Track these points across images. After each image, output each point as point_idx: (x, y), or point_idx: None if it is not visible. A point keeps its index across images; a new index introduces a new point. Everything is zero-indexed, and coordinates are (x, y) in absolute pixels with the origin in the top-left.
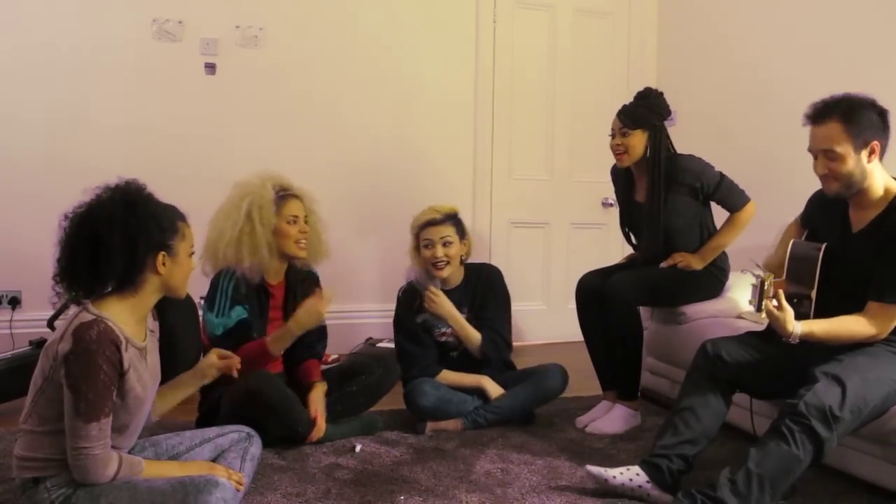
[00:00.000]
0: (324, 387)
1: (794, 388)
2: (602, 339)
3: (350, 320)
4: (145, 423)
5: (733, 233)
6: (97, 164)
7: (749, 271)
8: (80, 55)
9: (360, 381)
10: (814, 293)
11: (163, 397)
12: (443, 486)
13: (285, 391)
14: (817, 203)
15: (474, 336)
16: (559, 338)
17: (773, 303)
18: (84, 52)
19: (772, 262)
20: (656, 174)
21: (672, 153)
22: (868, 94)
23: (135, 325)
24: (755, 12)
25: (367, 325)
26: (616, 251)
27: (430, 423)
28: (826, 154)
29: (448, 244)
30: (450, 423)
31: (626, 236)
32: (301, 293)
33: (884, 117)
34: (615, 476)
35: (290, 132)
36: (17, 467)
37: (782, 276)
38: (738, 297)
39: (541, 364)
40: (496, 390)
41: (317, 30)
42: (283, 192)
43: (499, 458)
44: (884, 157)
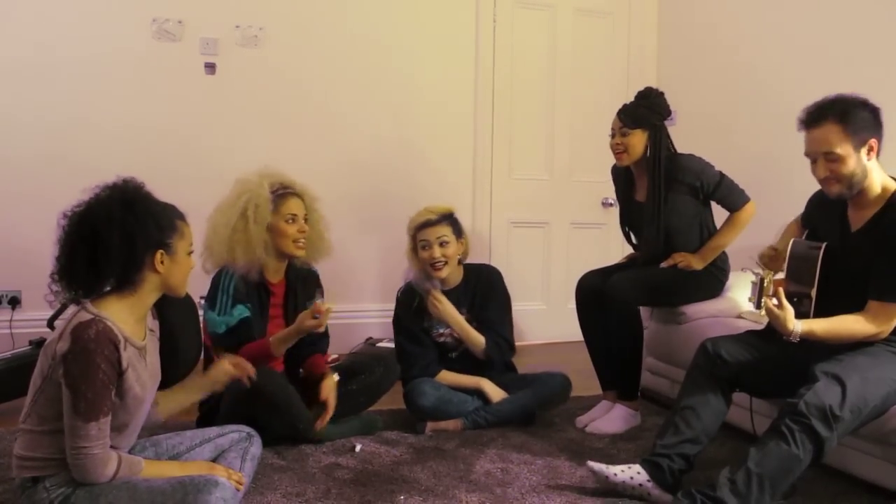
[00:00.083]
0: (335, 377)
1: (794, 387)
2: (602, 339)
3: (350, 320)
4: (151, 423)
5: (733, 232)
6: (97, 164)
7: (749, 269)
8: (80, 55)
9: (360, 380)
10: (814, 292)
11: (171, 399)
12: (443, 486)
13: (287, 388)
14: (817, 203)
15: (478, 339)
16: (559, 338)
17: (774, 301)
18: (84, 52)
19: (768, 252)
20: (656, 174)
21: (672, 153)
22: (859, 94)
23: (134, 324)
24: (755, 12)
25: (367, 324)
26: (616, 251)
27: (430, 422)
28: (826, 156)
29: (445, 244)
30: (450, 423)
31: (626, 236)
32: (301, 292)
33: (876, 115)
34: (616, 474)
35: (289, 132)
36: (17, 467)
37: (780, 271)
38: (738, 296)
39: (545, 371)
40: (496, 392)
41: (316, 30)
42: (283, 190)
43: (499, 457)
44: (880, 156)
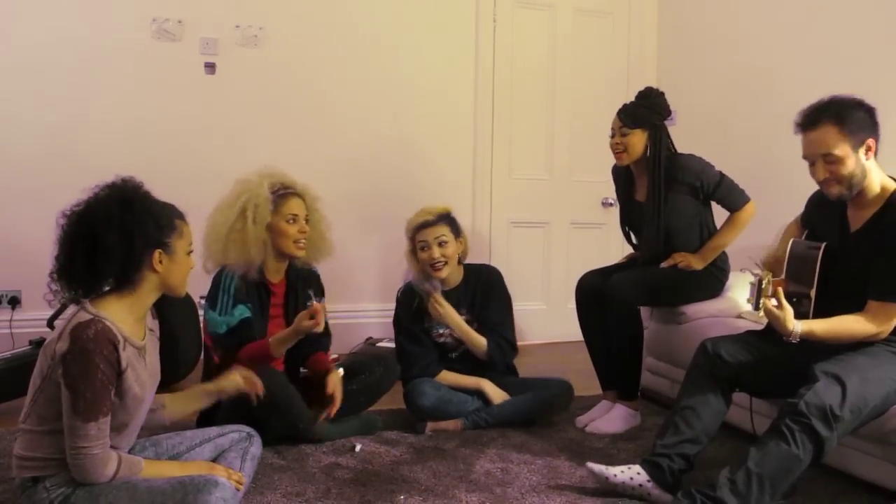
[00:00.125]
0: (339, 371)
1: (793, 387)
2: (602, 339)
3: (350, 320)
4: (155, 424)
5: (733, 232)
6: (97, 163)
7: (748, 270)
8: (80, 54)
9: (360, 380)
10: (813, 292)
11: (178, 403)
12: (443, 486)
13: (287, 387)
14: (816, 203)
15: (479, 341)
16: (559, 338)
17: (773, 302)
18: (84, 52)
19: (770, 259)
20: (656, 173)
21: (672, 152)
22: (853, 95)
23: (133, 323)
24: (755, 12)
25: (367, 324)
26: (616, 251)
27: (430, 422)
28: (825, 158)
29: (444, 244)
30: (450, 423)
31: (626, 235)
32: (302, 292)
33: (872, 115)
34: (616, 475)
35: (289, 131)
36: (17, 467)
37: (781, 274)
38: (738, 296)
39: (548, 377)
40: (496, 393)
41: (316, 29)
42: (284, 190)
43: (498, 457)
44: (880, 156)
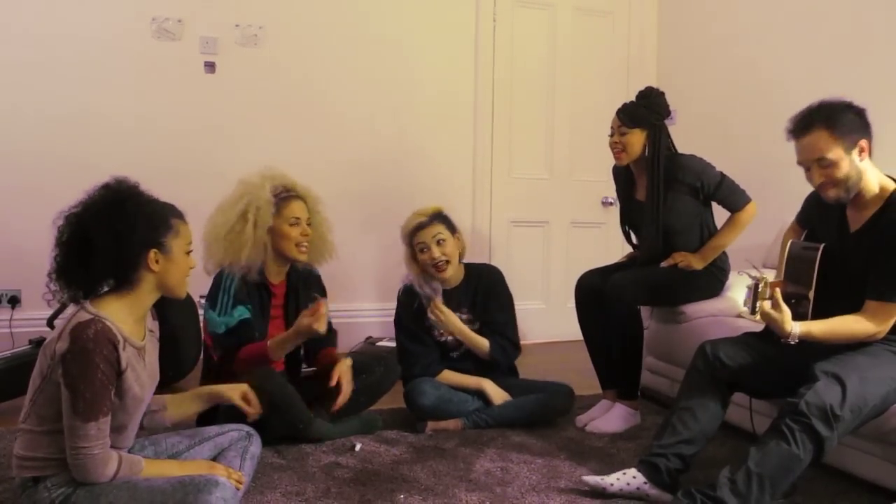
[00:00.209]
0: (348, 360)
1: (793, 388)
2: (602, 339)
3: (350, 319)
4: (156, 425)
5: (734, 233)
6: (97, 163)
7: (745, 272)
8: (80, 53)
9: (360, 379)
10: (812, 293)
11: (180, 406)
12: (442, 485)
13: (286, 388)
14: (814, 203)
15: (482, 344)
16: (559, 337)
17: (770, 303)
18: (84, 51)
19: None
20: (655, 173)
21: (673, 152)
22: (843, 97)
23: (133, 324)
24: (755, 11)
25: (367, 323)
26: (616, 250)
27: (430, 422)
28: (819, 163)
29: (442, 242)
30: (450, 422)
31: (626, 235)
32: (303, 293)
33: (862, 116)
34: (612, 483)
35: (289, 131)
36: (17, 466)
37: (780, 275)
38: (738, 296)
39: (549, 381)
40: (497, 393)
41: (316, 28)
42: (286, 193)
43: (498, 457)
44: (883, 155)
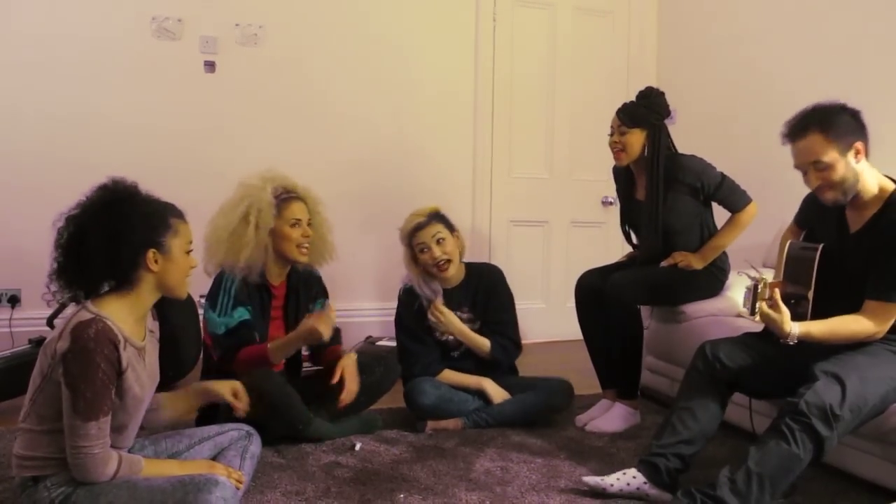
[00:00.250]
0: (353, 355)
1: (793, 388)
2: (601, 338)
3: (349, 319)
4: (154, 424)
5: (734, 233)
6: (97, 162)
7: (744, 273)
8: (80, 53)
9: (360, 379)
10: (811, 293)
11: (174, 402)
12: (442, 485)
13: (285, 389)
14: (813, 204)
15: (483, 344)
16: (559, 336)
17: (769, 304)
18: (84, 50)
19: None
20: (655, 173)
21: (673, 152)
22: (837, 100)
23: (133, 324)
24: (755, 10)
25: (367, 323)
26: (616, 250)
27: (430, 421)
28: (815, 166)
29: (442, 241)
30: (450, 422)
31: (626, 235)
32: (304, 294)
33: (857, 118)
34: (612, 484)
35: (289, 130)
36: (17, 466)
37: (779, 276)
38: (738, 296)
39: (547, 377)
40: (497, 392)
41: (316, 28)
42: (286, 194)
43: (498, 456)
44: (870, 157)
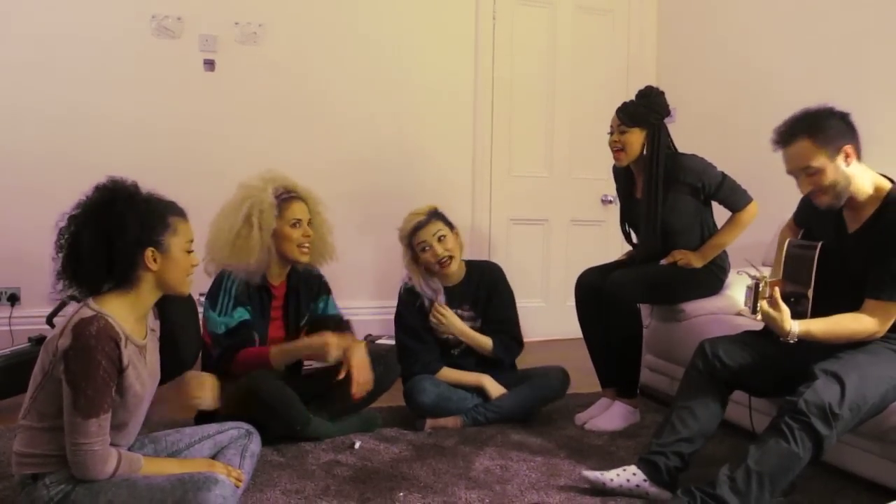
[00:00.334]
0: (363, 345)
1: (793, 386)
2: (601, 337)
3: (349, 317)
4: (149, 421)
5: (734, 232)
6: (96, 161)
7: (744, 272)
8: (79, 52)
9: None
10: (811, 292)
11: (159, 398)
12: (442, 483)
13: (284, 390)
14: (811, 203)
15: (485, 343)
16: (558, 335)
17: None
18: (83, 49)
19: (774, 275)
20: (653, 173)
21: (673, 152)
22: (825, 104)
23: (135, 322)
24: (755, 9)
25: (366, 321)
26: (615, 248)
27: (430, 420)
28: (805, 171)
29: (443, 238)
30: (449, 420)
31: (626, 234)
32: (304, 293)
33: (846, 121)
34: (612, 479)
35: (288, 129)
36: (16, 464)
37: (778, 275)
38: (738, 294)
39: (542, 365)
40: (497, 389)
41: (316, 26)
42: (287, 194)
43: (498, 455)
44: (862, 157)
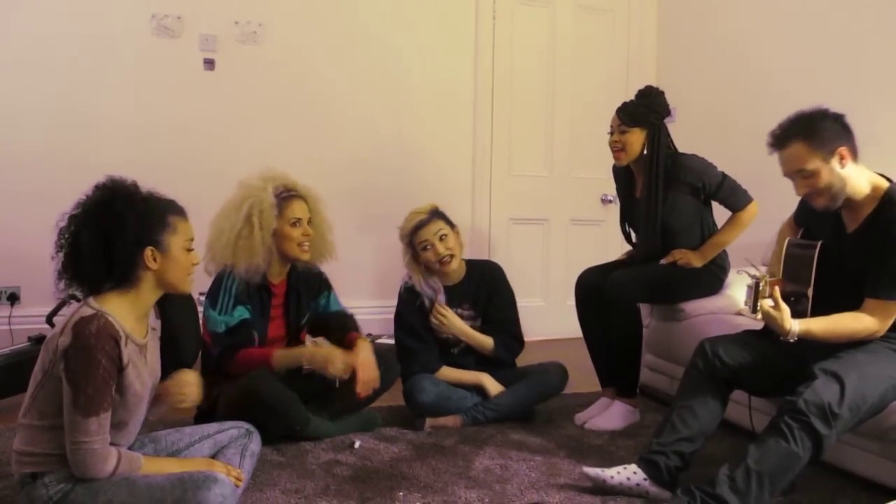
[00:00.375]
0: (368, 343)
1: (793, 386)
2: (601, 336)
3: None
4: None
5: (735, 232)
6: (96, 160)
7: (745, 271)
8: (79, 51)
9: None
10: (810, 291)
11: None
12: (442, 483)
13: (283, 390)
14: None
15: (486, 343)
16: (558, 334)
17: (770, 302)
18: (83, 48)
19: (773, 269)
20: (653, 172)
21: (673, 152)
22: (820, 106)
23: (135, 321)
24: (755, 8)
25: (366, 321)
26: (615, 248)
27: (430, 419)
28: (800, 174)
29: (444, 237)
30: (449, 419)
31: (626, 234)
32: (304, 292)
33: (841, 122)
34: (612, 476)
35: (288, 128)
36: (16, 462)
37: (778, 274)
38: (738, 294)
39: (540, 362)
40: (496, 387)
41: (316, 26)
42: (287, 193)
43: (498, 454)
44: (858, 158)
